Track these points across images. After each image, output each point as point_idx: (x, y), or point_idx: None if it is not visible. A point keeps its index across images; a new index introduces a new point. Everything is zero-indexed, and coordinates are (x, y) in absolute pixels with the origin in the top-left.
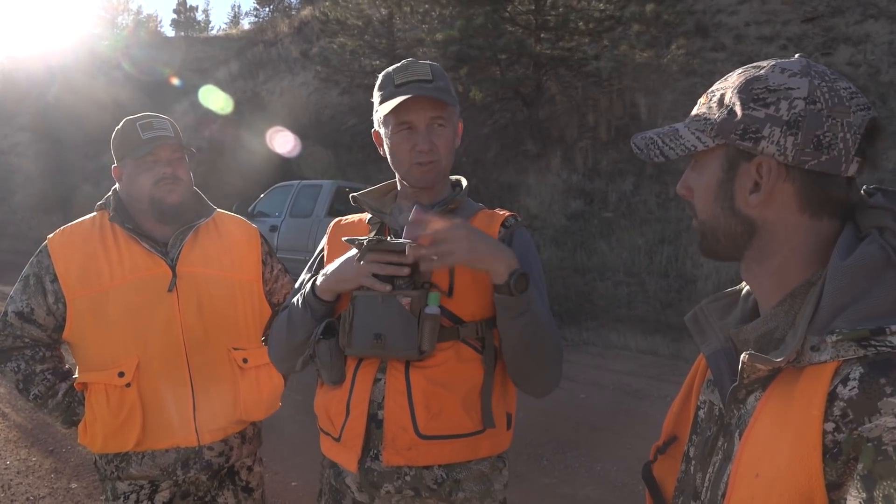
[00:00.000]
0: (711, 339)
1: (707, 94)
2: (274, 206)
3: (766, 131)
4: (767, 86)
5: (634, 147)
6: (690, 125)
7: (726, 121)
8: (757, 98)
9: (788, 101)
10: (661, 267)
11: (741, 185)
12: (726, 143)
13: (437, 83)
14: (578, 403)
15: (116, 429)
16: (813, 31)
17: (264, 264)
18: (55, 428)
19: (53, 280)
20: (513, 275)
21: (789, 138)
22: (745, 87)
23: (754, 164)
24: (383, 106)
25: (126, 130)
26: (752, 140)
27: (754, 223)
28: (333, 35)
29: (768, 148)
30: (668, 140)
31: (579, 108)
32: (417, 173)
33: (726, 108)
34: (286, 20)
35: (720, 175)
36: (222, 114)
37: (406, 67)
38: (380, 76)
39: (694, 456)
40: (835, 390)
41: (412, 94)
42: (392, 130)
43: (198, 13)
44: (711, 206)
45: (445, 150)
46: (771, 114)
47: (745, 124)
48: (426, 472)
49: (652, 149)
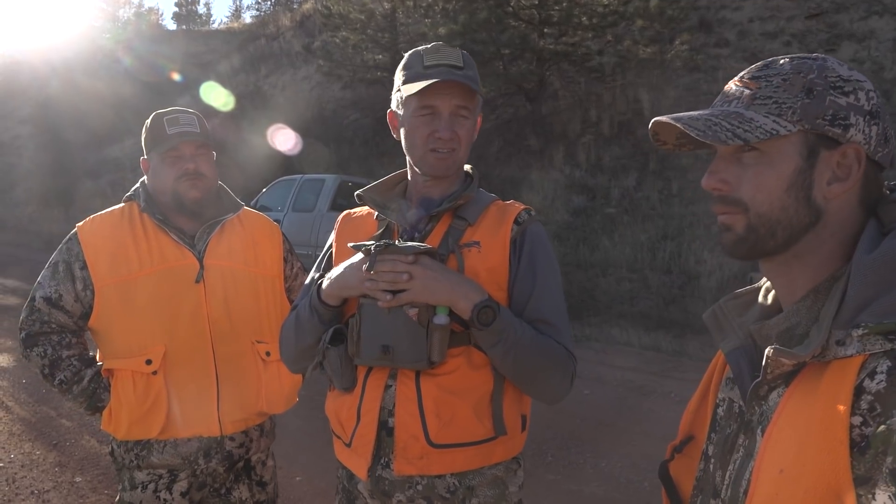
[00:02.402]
0: (731, 336)
1: (754, 79)
2: (276, 200)
3: (853, 119)
4: (840, 74)
5: (688, 128)
6: (758, 109)
7: (810, 105)
8: (835, 85)
9: (864, 92)
10: (664, 263)
11: (821, 173)
12: (806, 130)
13: (467, 71)
14: (582, 399)
15: (142, 416)
16: (817, 28)
17: (286, 262)
18: (59, 422)
19: (83, 267)
20: (476, 309)
21: (873, 128)
22: (820, 73)
23: (839, 152)
24: (409, 86)
25: (154, 124)
26: (841, 126)
27: (822, 215)
28: (336, 29)
29: (857, 136)
30: (735, 122)
31: (582, 103)
32: (433, 160)
33: (803, 92)
34: (288, 14)
35: (799, 163)
36: (222, 109)
37: (437, 50)
38: (407, 55)
39: (713, 454)
40: (861, 384)
41: (442, 77)
42: (413, 113)
43: (199, 6)
44: (781, 197)
45: (465, 140)
46: (852, 102)
47: (834, 110)
48: (438, 480)
49: (718, 132)
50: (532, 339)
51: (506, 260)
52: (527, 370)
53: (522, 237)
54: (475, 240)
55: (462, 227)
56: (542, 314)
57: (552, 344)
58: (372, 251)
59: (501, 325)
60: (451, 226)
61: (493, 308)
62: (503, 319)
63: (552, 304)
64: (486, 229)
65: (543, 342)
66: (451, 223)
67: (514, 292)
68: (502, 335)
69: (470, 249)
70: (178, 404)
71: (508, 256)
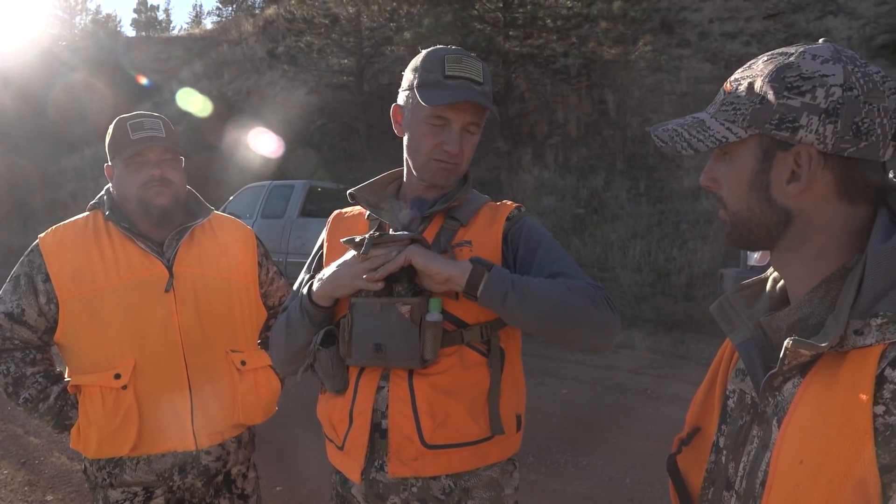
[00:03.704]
0: (740, 328)
1: (730, 82)
2: (244, 207)
3: (803, 120)
4: (801, 73)
5: (657, 140)
6: (718, 115)
7: (759, 110)
8: (791, 86)
9: (825, 89)
10: (634, 261)
11: (777, 174)
12: (760, 134)
13: (485, 87)
14: (561, 399)
15: (112, 432)
16: (774, 28)
17: (260, 266)
18: (27, 439)
19: (46, 280)
20: (468, 271)
21: (829, 126)
22: (777, 76)
23: (792, 153)
24: (427, 94)
25: (117, 129)
26: (789, 129)
27: (791, 212)
28: (300, 34)
29: (807, 137)
30: (694, 132)
31: (549, 105)
32: (435, 169)
33: (758, 97)
34: (250, 19)
35: (755, 166)
36: (197, 115)
37: (459, 60)
38: (426, 53)
39: (725, 446)
40: (883, 373)
41: (463, 95)
42: (424, 120)
43: (159, 13)
44: (745, 197)
45: (469, 154)
46: (807, 102)
47: (781, 113)
48: (433, 482)
49: (678, 141)
50: (543, 282)
51: (498, 256)
52: (554, 311)
53: (517, 230)
54: (467, 239)
55: (454, 227)
56: (551, 268)
57: (568, 282)
58: (367, 239)
59: (500, 274)
60: (444, 226)
61: (484, 263)
62: (500, 270)
63: (561, 261)
64: (478, 229)
65: (557, 283)
66: (444, 224)
67: (518, 270)
68: (506, 284)
69: (462, 248)
70: (149, 419)
71: (501, 252)
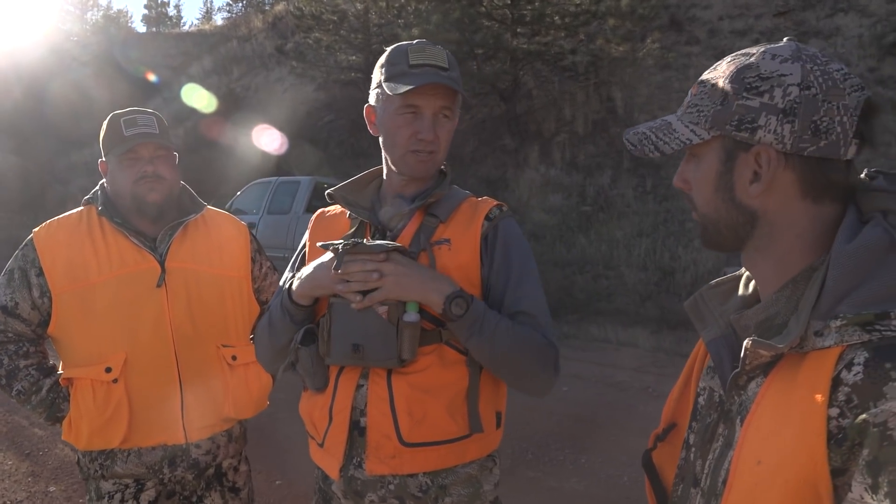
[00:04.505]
0: (711, 325)
1: (697, 83)
2: (251, 203)
3: (762, 120)
4: (759, 73)
5: (627, 143)
6: (683, 118)
7: (720, 112)
8: (750, 87)
9: (782, 88)
10: (640, 259)
11: (740, 175)
12: (722, 135)
13: (452, 72)
14: (561, 396)
15: (102, 425)
16: (785, 25)
17: (253, 262)
18: (31, 431)
19: (39, 274)
20: (448, 300)
21: (786, 126)
22: (737, 76)
23: (752, 153)
24: (394, 85)
25: (111, 125)
26: (748, 130)
27: (756, 213)
28: (308, 30)
29: (766, 137)
30: (661, 134)
31: (556, 102)
32: (413, 161)
33: (719, 99)
34: (260, 15)
35: (718, 167)
36: (203, 111)
37: (423, 48)
38: (390, 49)
39: (694, 443)
40: (839, 375)
41: (429, 79)
42: (395, 111)
43: (169, 9)
44: (711, 199)
45: (445, 141)
46: (766, 102)
47: (740, 114)
48: (410, 479)
49: (646, 144)
50: (509, 329)
51: (476, 256)
52: (507, 361)
53: (494, 232)
54: (445, 237)
55: (434, 224)
56: (520, 306)
57: (531, 333)
58: (340, 250)
59: (475, 315)
60: (423, 223)
61: (466, 298)
62: (476, 309)
63: (530, 296)
64: (457, 226)
65: (522, 332)
66: (423, 220)
67: (490, 287)
68: (476, 325)
69: (440, 247)
70: (140, 412)
71: (479, 253)
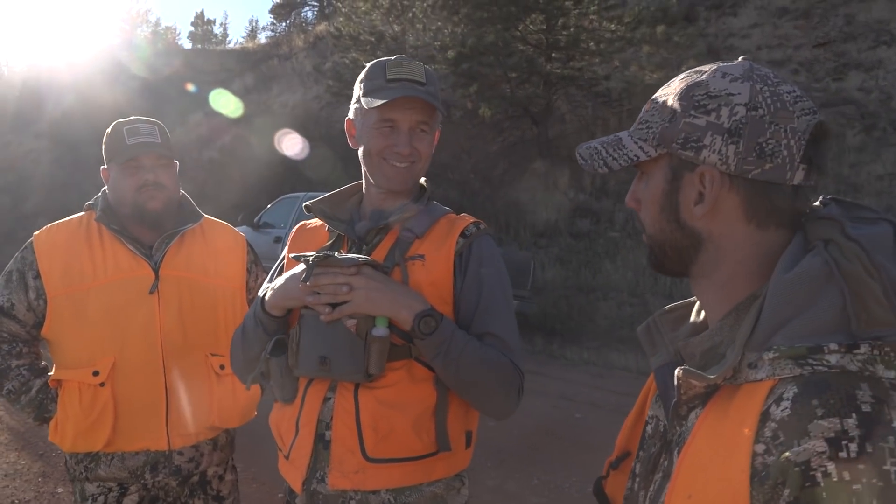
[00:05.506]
0: (661, 351)
1: (651, 100)
2: (280, 217)
3: (707, 140)
4: (708, 91)
5: (579, 157)
6: (634, 134)
7: (667, 129)
8: (698, 105)
9: (729, 108)
10: (666, 288)
11: (686, 196)
12: (669, 153)
13: (429, 87)
14: (574, 423)
15: (87, 428)
16: (824, 56)
17: (249, 272)
18: (45, 432)
19: (36, 276)
20: (417, 318)
21: (731, 147)
22: (686, 94)
23: (697, 174)
24: (371, 99)
25: (114, 134)
26: (693, 149)
27: (700, 235)
28: (346, 50)
29: (710, 157)
30: (611, 150)
31: (589, 127)
32: (390, 173)
33: (668, 116)
34: (302, 35)
35: (665, 186)
36: (234, 119)
37: (400, 64)
38: (368, 65)
39: (639, 473)
40: (768, 410)
41: (404, 92)
42: (373, 125)
43: (215, 26)
44: (657, 218)
45: (425, 154)
46: (712, 121)
47: (686, 133)
48: (373, 496)
49: (596, 159)
50: (476, 351)
51: (449, 273)
52: (471, 383)
53: (469, 250)
54: (420, 252)
55: (409, 239)
56: (488, 327)
57: (498, 357)
58: (310, 262)
59: (443, 336)
60: (399, 238)
61: (435, 318)
62: (445, 329)
63: (499, 318)
64: (432, 242)
65: (489, 355)
66: (399, 235)
67: (461, 305)
68: (444, 346)
69: (414, 262)
70: (124, 417)
71: (452, 270)
